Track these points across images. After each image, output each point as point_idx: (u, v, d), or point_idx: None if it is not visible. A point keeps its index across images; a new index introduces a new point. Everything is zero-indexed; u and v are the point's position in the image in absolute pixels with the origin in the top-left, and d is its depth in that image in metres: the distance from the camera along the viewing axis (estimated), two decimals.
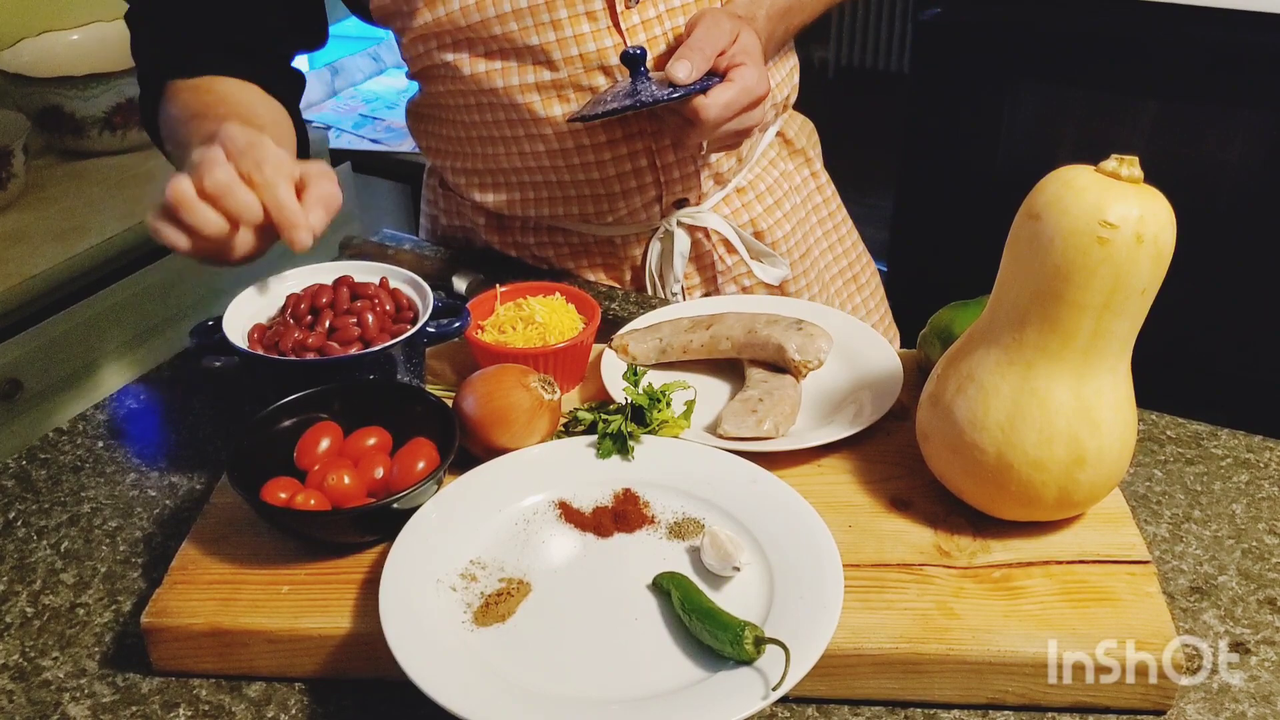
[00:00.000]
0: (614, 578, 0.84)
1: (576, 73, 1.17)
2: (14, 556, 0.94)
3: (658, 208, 1.29)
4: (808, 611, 0.77)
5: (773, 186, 1.38)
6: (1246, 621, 0.86)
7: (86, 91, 1.87)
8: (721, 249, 1.34)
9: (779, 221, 1.38)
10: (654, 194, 1.27)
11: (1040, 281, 0.81)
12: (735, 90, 1.06)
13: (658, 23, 1.17)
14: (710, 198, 1.32)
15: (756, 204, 1.36)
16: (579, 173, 1.24)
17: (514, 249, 1.38)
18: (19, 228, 1.74)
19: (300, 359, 0.94)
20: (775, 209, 1.38)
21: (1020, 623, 0.80)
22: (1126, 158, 0.80)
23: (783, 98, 1.35)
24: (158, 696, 0.81)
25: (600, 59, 1.16)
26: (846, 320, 1.13)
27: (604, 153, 1.22)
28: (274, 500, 0.85)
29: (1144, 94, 2.28)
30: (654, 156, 1.24)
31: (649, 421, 0.96)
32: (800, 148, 1.44)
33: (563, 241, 1.35)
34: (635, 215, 1.29)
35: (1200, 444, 1.05)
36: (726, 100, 1.06)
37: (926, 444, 0.91)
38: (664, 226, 1.31)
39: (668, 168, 1.26)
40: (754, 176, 1.37)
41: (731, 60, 1.07)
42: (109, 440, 1.08)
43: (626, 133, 1.22)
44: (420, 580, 0.81)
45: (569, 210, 1.29)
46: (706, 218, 1.31)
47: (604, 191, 1.26)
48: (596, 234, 1.33)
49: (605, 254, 1.35)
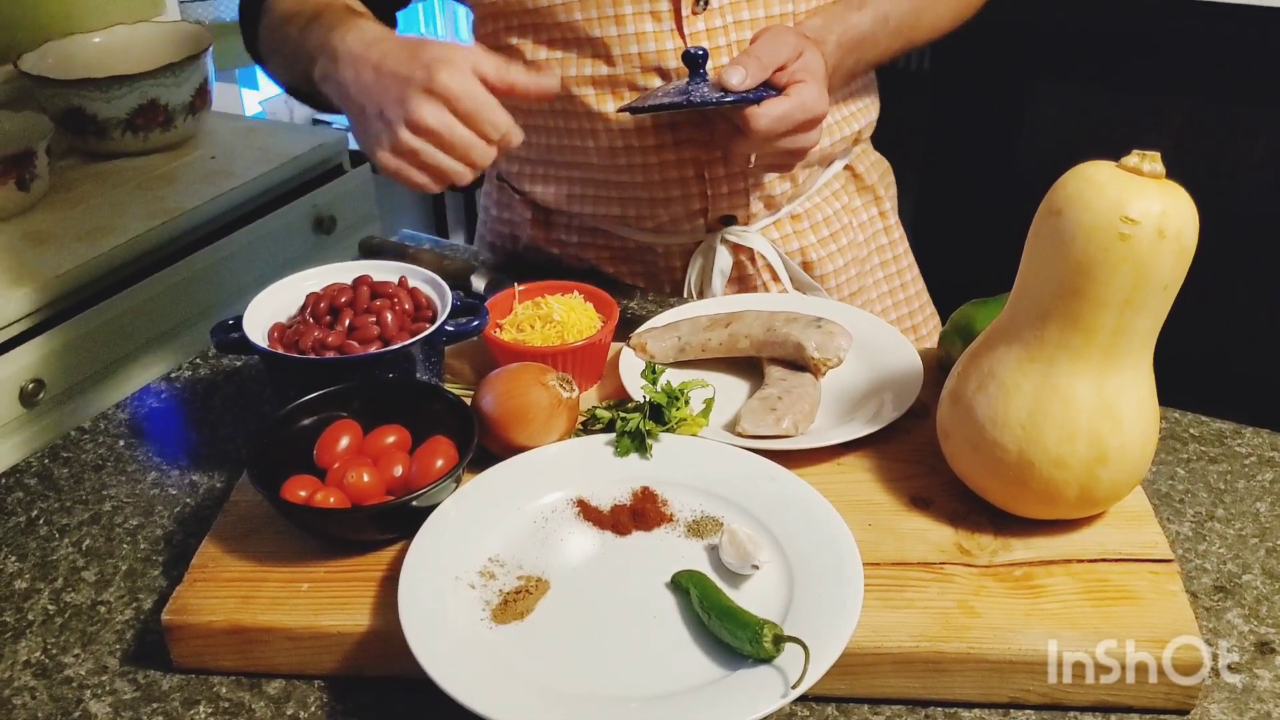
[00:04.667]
0: (632, 576, 0.83)
1: (633, 71, 1.16)
2: (36, 554, 0.94)
3: (702, 221, 1.27)
4: (827, 610, 0.77)
5: (830, 219, 1.34)
6: (1271, 621, 0.85)
7: (109, 93, 1.88)
8: (766, 274, 1.31)
9: (832, 255, 1.34)
10: (698, 206, 1.25)
11: (1062, 278, 0.80)
12: (790, 105, 1.03)
13: (723, 32, 1.16)
14: (759, 220, 1.29)
15: (810, 233, 1.33)
16: (625, 173, 1.23)
17: (556, 247, 1.37)
18: (43, 229, 1.75)
19: (320, 358, 0.94)
20: (830, 241, 1.34)
21: (1041, 621, 0.79)
22: (1148, 153, 0.80)
23: (853, 130, 1.31)
24: (178, 694, 0.81)
25: (659, 60, 1.15)
26: (866, 318, 1.13)
27: (651, 155, 1.21)
28: (294, 498, 0.85)
29: (1166, 92, 2.26)
30: (702, 167, 1.22)
31: (667, 420, 0.96)
32: (870, 184, 1.39)
33: (604, 245, 1.34)
34: (678, 225, 1.27)
35: (1224, 442, 1.04)
36: (779, 114, 1.03)
37: (947, 442, 0.91)
38: (707, 242, 1.29)
39: (715, 180, 1.23)
40: (811, 206, 1.33)
41: (792, 76, 1.04)
42: (130, 439, 1.09)
43: (676, 139, 1.20)
44: (439, 578, 0.81)
45: (611, 211, 1.28)
46: (752, 238, 1.29)
47: (647, 195, 1.24)
48: (639, 240, 1.31)
49: (646, 263, 1.33)
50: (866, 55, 1.21)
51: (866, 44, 1.20)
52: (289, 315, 1.01)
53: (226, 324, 0.99)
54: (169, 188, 1.89)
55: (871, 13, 1.19)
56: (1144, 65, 2.23)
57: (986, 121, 2.43)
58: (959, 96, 2.45)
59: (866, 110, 1.34)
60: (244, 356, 1.18)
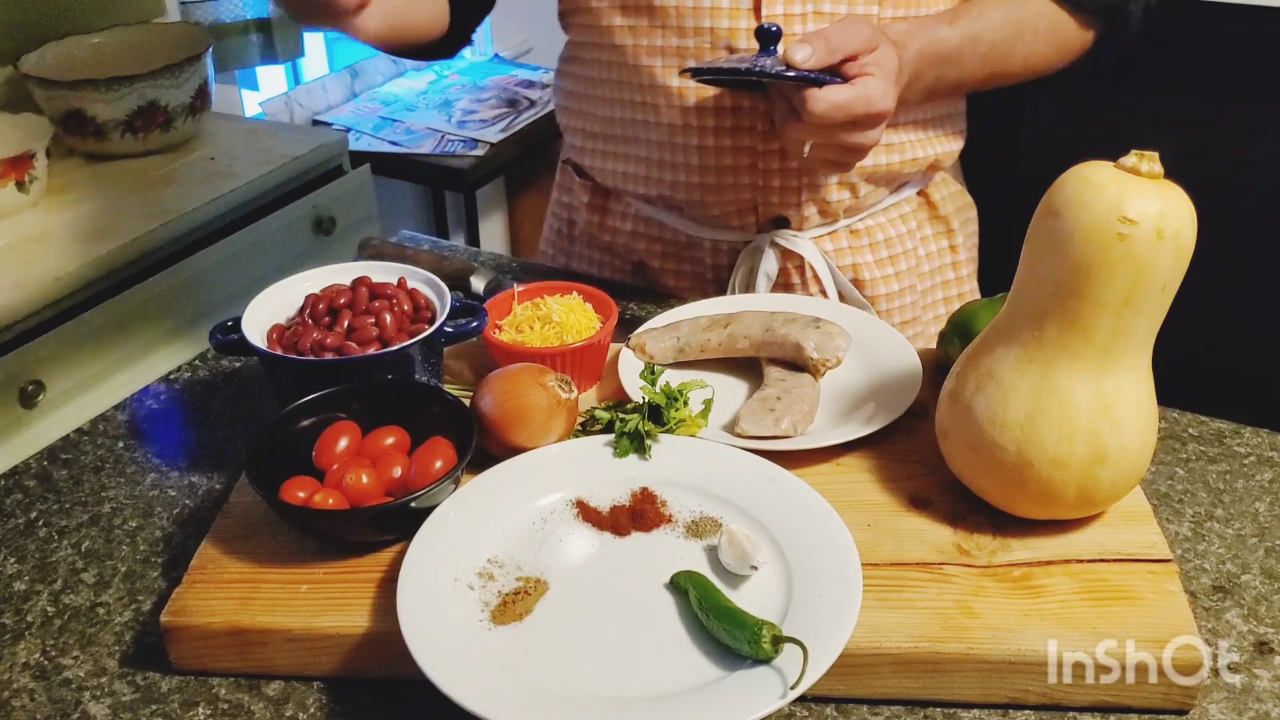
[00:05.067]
0: (631, 577, 0.83)
1: (703, 45, 1.15)
2: (35, 556, 0.94)
3: (753, 218, 1.25)
4: (826, 610, 0.77)
5: (893, 240, 1.30)
6: (1270, 620, 0.85)
7: (109, 94, 1.88)
8: (814, 286, 1.27)
9: (887, 277, 1.30)
10: (750, 200, 1.23)
11: (1060, 278, 0.80)
12: (851, 95, 0.99)
13: (800, 20, 1.13)
14: (813, 227, 1.26)
15: (868, 251, 1.29)
16: (681, 154, 1.22)
17: (609, 234, 1.36)
18: (42, 230, 1.75)
19: (319, 359, 0.94)
20: (888, 263, 1.30)
21: (1040, 622, 0.79)
22: (1146, 153, 0.80)
23: (927, 155, 1.26)
24: (177, 695, 0.81)
25: (730, 38, 1.14)
26: (865, 318, 1.13)
27: (709, 137, 1.19)
28: (293, 499, 0.85)
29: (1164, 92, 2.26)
30: (757, 158, 1.20)
31: (666, 420, 0.96)
32: (944, 215, 1.34)
33: (656, 236, 1.32)
34: (728, 219, 1.25)
35: (1223, 442, 1.04)
36: (838, 100, 0.98)
37: (946, 442, 0.91)
38: (756, 243, 1.26)
39: (769, 173, 1.21)
40: (874, 224, 1.28)
41: (862, 69, 1.00)
42: (129, 440, 1.09)
43: (735, 124, 1.18)
44: (438, 579, 0.81)
45: (663, 193, 1.26)
46: (802, 244, 1.25)
47: (699, 180, 1.22)
48: (689, 233, 1.29)
49: (694, 260, 1.31)
50: (949, 74, 1.16)
51: (951, 61, 1.15)
52: (288, 316, 1.01)
53: (225, 325, 0.99)
54: (169, 189, 1.89)
55: (962, 31, 1.14)
56: (1143, 65, 2.23)
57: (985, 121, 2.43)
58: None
59: (947, 139, 1.29)
60: (243, 358, 1.18)
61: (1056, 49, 1.22)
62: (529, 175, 3.20)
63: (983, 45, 1.16)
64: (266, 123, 2.51)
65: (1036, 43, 1.20)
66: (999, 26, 1.17)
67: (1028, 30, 1.19)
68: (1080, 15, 1.21)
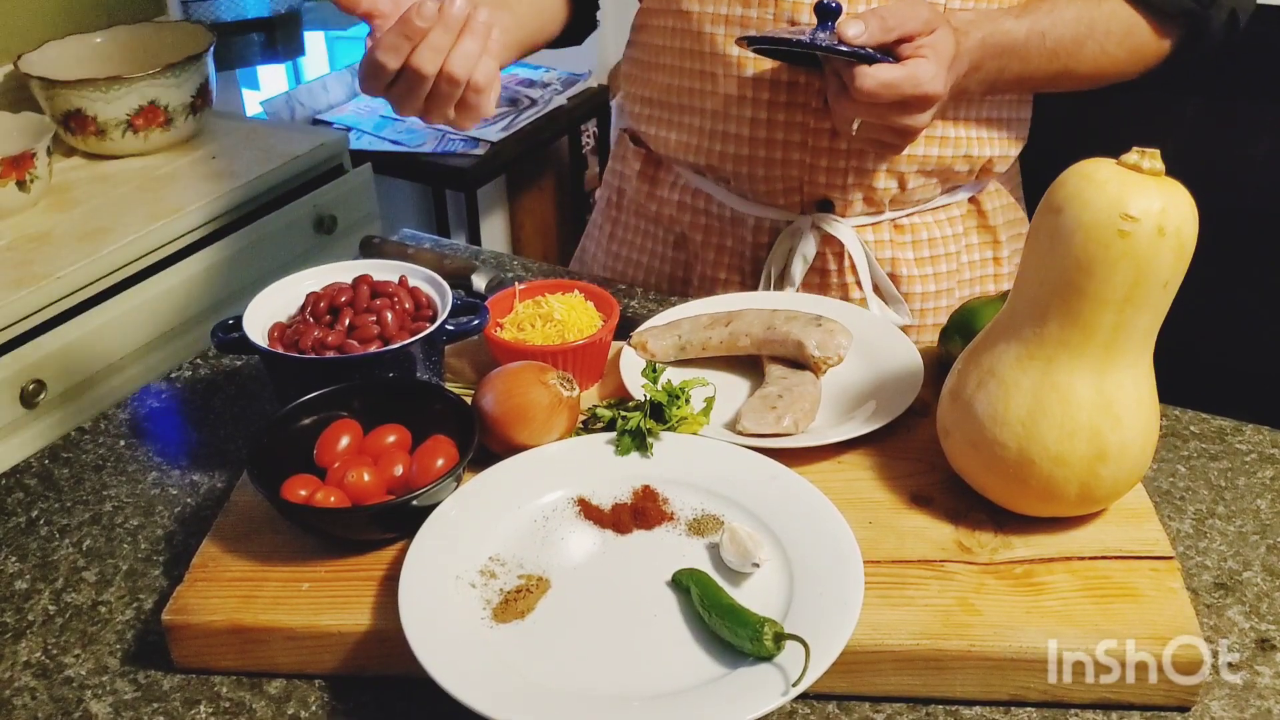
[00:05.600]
0: (633, 574, 0.84)
1: (765, 17, 1.15)
2: (37, 555, 0.94)
3: (798, 197, 1.24)
4: (828, 608, 0.77)
5: (935, 241, 1.28)
6: (1272, 617, 0.85)
7: (109, 94, 1.88)
8: (849, 275, 1.27)
9: (925, 277, 1.29)
10: (797, 178, 1.22)
11: (1061, 275, 0.80)
12: (900, 74, 0.98)
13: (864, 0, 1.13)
14: (856, 215, 1.25)
15: (909, 249, 1.28)
16: (734, 124, 1.22)
17: (655, 204, 1.36)
18: (43, 229, 1.75)
19: (320, 357, 0.94)
20: (928, 263, 1.29)
21: (1042, 619, 0.79)
22: (1148, 151, 0.80)
23: (982, 154, 1.23)
24: (179, 693, 0.81)
25: (793, 12, 1.14)
26: (866, 316, 1.13)
27: (761, 110, 1.19)
28: (294, 498, 0.85)
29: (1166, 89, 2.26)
30: (808, 135, 1.19)
31: (668, 418, 0.96)
32: (993, 226, 1.32)
33: (701, 209, 1.32)
34: (774, 197, 1.25)
35: (1224, 439, 1.04)
36: (888, 79, 0.98)
37: (947, 440, 0.91)
38: (798, 224, 1.26)
39: (817, 151, 1.20)
40: (919, 222, 1.27)
41: (916, 50, 1.00)
42: (130, 439, 1.09)
43: (790, 99, 1.18)
44: (440, 577, 0.81)
45: (712, 164, 1.25)
46: (842, 230, 1.24)
47: (749, 153, 1.22)
48: (734, 209, 1.29)
49: (735, 236, 1.30)
50: (1013, 66, 1.14)
51: (1015, 53, 1.13)
52: (289, 315, 1.01)
53: (227, 324, 0.99)
54: (169, 188, 1.89)
55: (1029, 24, 1.13)
56: None
57: None
58: None
59: (1004, 141, 1.26)
60: (244, 356, 1.18)
61: (1130, 53, 1.19)
62: (530, 174, 3.20)
63: (1050, 40, 1.14)
64: (267, 122, 2.51)
65: (1108, 44, 1.17)
66: (1069, 24, 1.15)
67: (1099, 30, 1.16)
68: (1157, 20, 1.18)
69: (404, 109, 0.98)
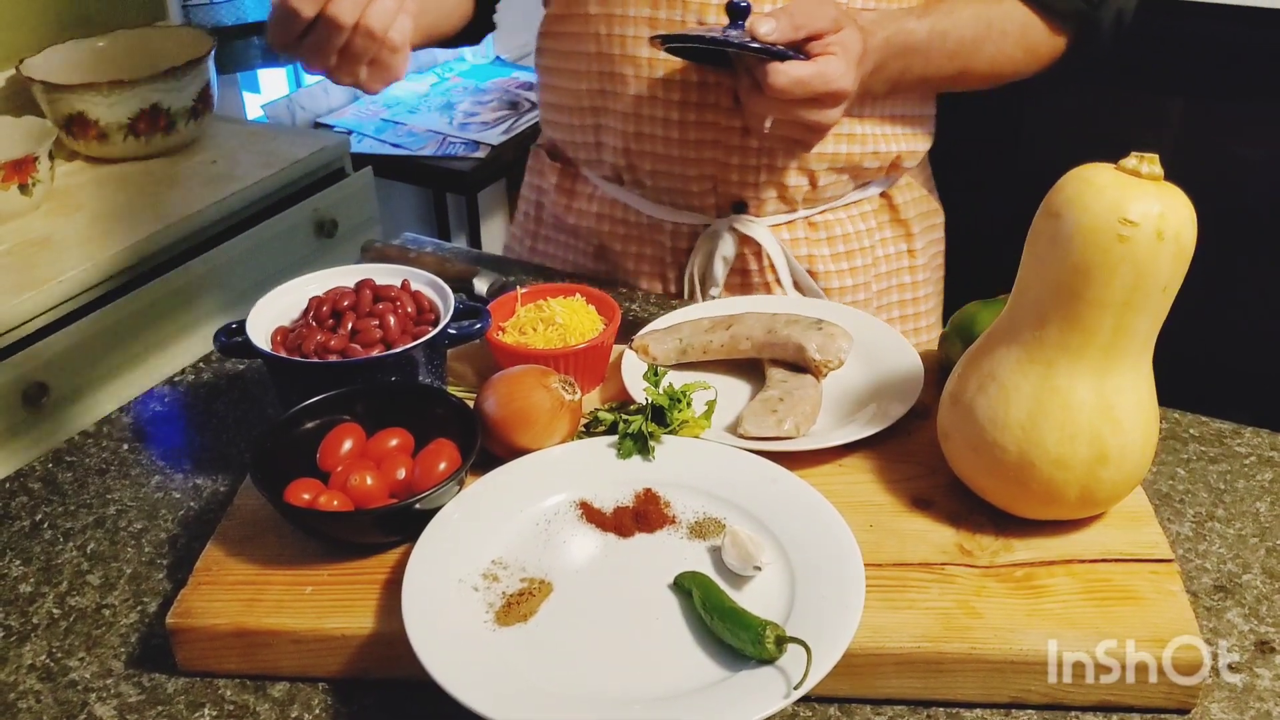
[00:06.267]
0: (635, 577, 0.84)
1: (674, 18, 1.16)
2: (41, 558, 0.95)
3: (713, 199, 1.26)
4: (829, 611, 0.77)
5: (849, 237, 1.32)
6: (1271, 620, 0.85)
7: (111, 98, 1.89)
8: (770, 274, 1.30)
9: (841, 272, 1.32)
10: (710, 177, 1.24)
11: (1061, 279, 0.81)
12: (811, 72, 1.01)
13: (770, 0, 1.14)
14: (771, 214, 1.28)
15: (824, 245, 1.31)
16: (646, 124, 1.23)
17: (574, 217, 1.37)
18: (45, 233, 1.75)
19: (323, 361, 0.94)
20: (844, 259, 1.32)
21: (1043, 622, 0.80)
22: (1146, 155, 0.80)
23: (890, 151, 1.27)
24: (183, 696, 0.81)
25: (700, 12, 1.15)
26: (867, 320, 1.13)
27: (674, 110, 1.21)
28: (297, 501, 0.85)
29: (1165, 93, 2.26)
30: (720, 134, 1.21)
31: (669, 422, 0.96)
32: (905, 219, 1.36)
33: (619, 218, 1.33)
34: (689, 199, 1.27)
35: (1223, 442, 1.05)
36: (799, 76, 1.01)
37: (948, 443, 0.91)
38: (715, 227, 1.28)
39: (729, 150, 1.22)
40: (833, 219, 1.30)
41: (825, 48, 1.02)
42: (134, 443, 1.09)
43: (701, 99, 1.20)
44: (442, 580, 0.82)
45: (629, 163, 1.27)
46: (759, 230, 1.27)
47: (663, 152, 1.24)
48: (651, 215, 1.31)
49: (654, 243, 1.32)
50: (915, 66, 1.18)
51: (917, 53, 1.17)
52: (292, 319, 1.02)
53: (229, 328, 0.99)
54: (171, 192, 1.89)
55: (930, 24, 1.16)
56: (1143, 66, 2.23)
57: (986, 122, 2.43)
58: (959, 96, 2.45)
59: (911, 137, 1.30)
60: (247, 360, 1.18)
61: (1026, 52, 1.24)
62: None
63: (950, 41, 1.18)
64: (268, 126, 2.52)
65: (1005, 44, 1.21)
66: (968, 24, 1.19)
67: (996, 30, 1.20)
68: (1051, 20, 1.23)
69: (314, 63, 0.97)
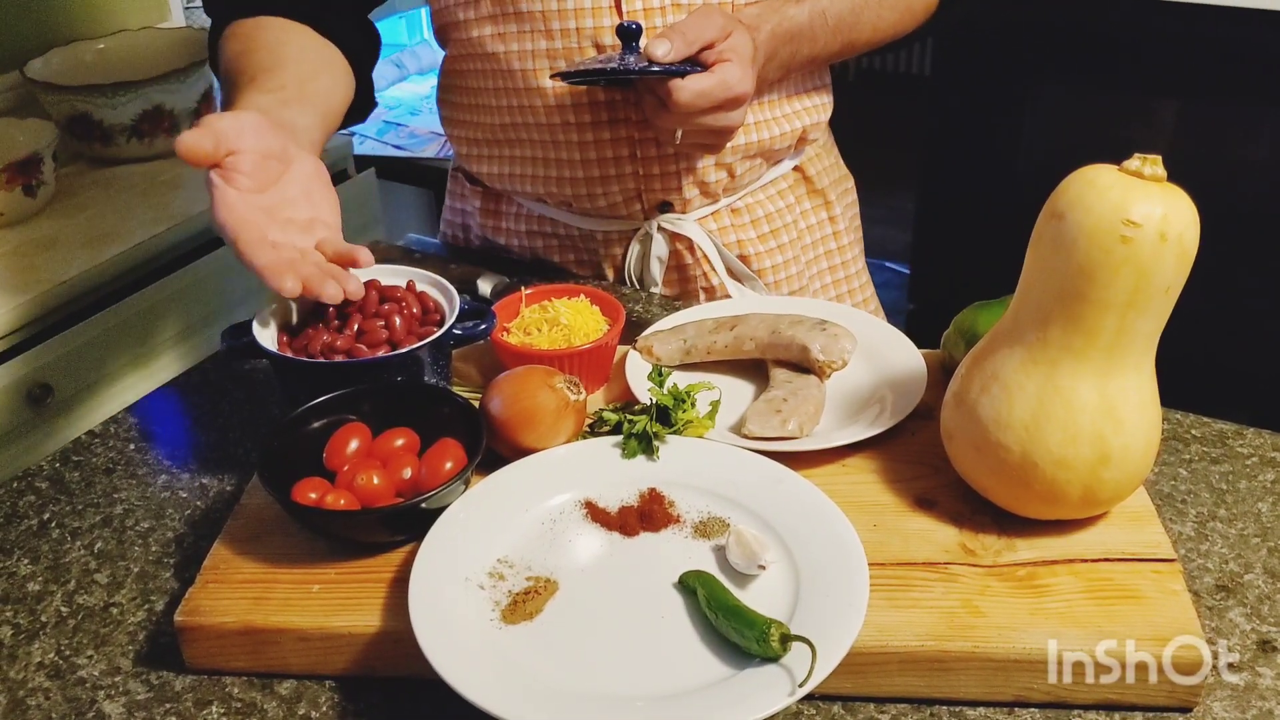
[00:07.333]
0: (640, 576, 0.84)
1: (571, 46, 1.19)
2: (49, 557, 0.95)
3: (639, 206, 1.30)
4: (833, 609, 0.78)
5: (772, 215, 1.37)
6: (1273, 620, 0.85)
7: (114, 99, 1.89)
8: (704, 265, 1.33)
9: (770, 252, 1.37)
10: (634, 189, 1.28)
11: (1064, 281, 0.81)
12: (712, 82, 1.06)
13: (659, 13, 1.18)
14: (697, 209, 1.32)
15: (750, 229, 1.35)
16: (563, 150, 1.26)
17: (504, 236, 1.40)
18: (49, 234, 1.76)
19: (329, 361, 0.95)
20: (770, 238, 1.37)
21: (1045, 621, 0.80)
22: (1149, 157, 0.81)
23: (795, 128, 1.32)
24: (191, 694, 0.82)
25: (595, 36, 1.18)
26: (871, 320, 1.14)
27: (587, 133, 1.24)
28: (304, 500, 0.86)
29: (1167, 93, 2.27)
30: (635, 147, 1.25)
31: (674, 422, 0.96)
32: (821, 188, 1.41)
33: (550, 233, 1.37)
34: (616, 209, 1.30)
35: (1225, 443, 1.05)
36: (701, 89, 1.06)
37: (951, 443, 0.91)
38: (645, 228, 1.32)
39: (648, 161, 1.26)
40: (754, 201, 1.35)
41: (719, 56, 1.07)
42: (140, 443, 1.09)
43: (611, 116, 1.23)
44: (449, 579, 0.82)
45: (550, 190, 1.30)
46: (688, 227, 1.31)
47: (584, 174, 1.27)
48: (581, 227, 1.34)
49: (589, 251, 1.36)
50: (803, 49, 1.22)
51: (803, 37, 1.21)
52: (298, 319, 1.02)
53: (236, 328, 0.99)
54: (175, 193, 1.90)
55: (809, 7, 1.21)
56: (1146, 67, 2.24)
57: (988, 124, 2.44)
58: (961, 99, 2.45)
59: (813, 110, 1.35)
60: (253, 360, 1.18)
61: (902, 14, 1.29)
62: None
63: (831, 18, 1.23)
64: None
65: (882, 9, 1.27)
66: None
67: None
68: None
69: None
